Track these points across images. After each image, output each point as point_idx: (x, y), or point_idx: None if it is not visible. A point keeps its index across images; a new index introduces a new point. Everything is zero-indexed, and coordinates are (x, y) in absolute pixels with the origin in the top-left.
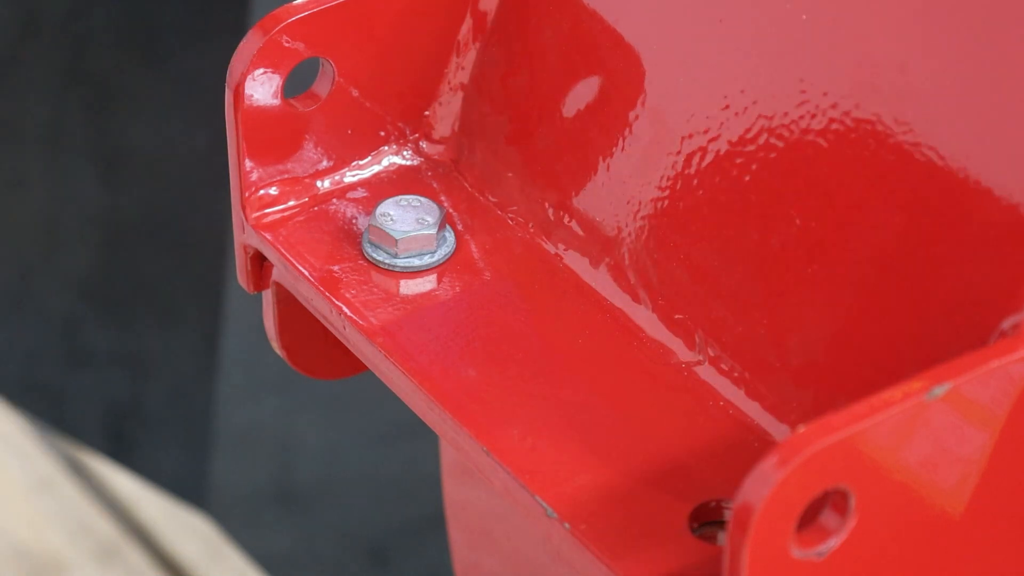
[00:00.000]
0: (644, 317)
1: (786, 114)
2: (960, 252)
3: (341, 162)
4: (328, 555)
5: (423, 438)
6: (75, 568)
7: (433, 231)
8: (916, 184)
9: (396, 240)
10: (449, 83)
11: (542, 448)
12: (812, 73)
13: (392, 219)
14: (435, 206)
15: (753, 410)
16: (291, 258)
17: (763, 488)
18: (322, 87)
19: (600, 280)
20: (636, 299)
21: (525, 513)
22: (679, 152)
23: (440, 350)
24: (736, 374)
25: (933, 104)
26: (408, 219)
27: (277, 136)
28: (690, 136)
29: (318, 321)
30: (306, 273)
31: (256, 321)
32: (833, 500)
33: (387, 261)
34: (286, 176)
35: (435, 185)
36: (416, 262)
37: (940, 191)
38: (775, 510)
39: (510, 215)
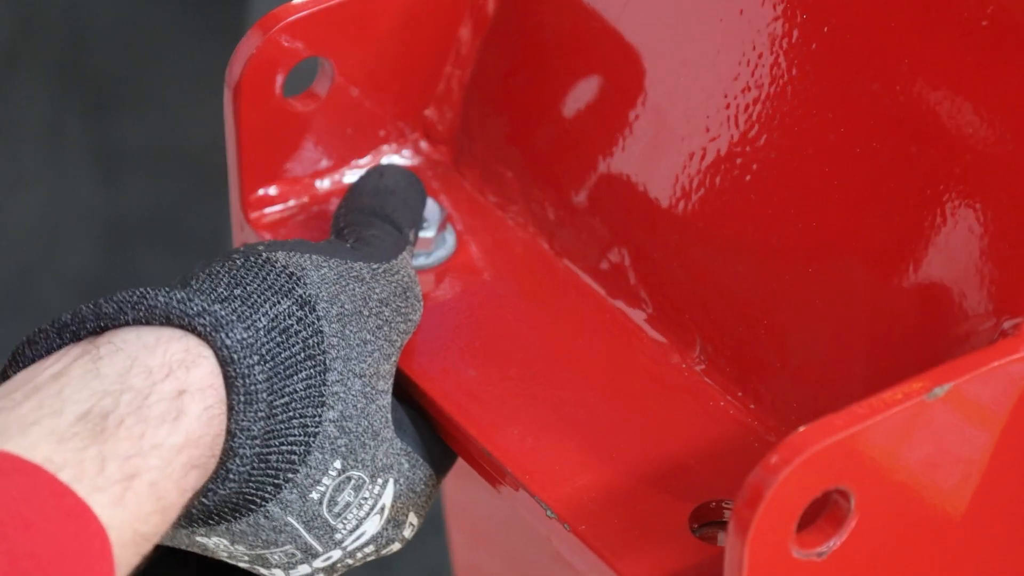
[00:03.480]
0: (644, 317)
1: (787, 113)
2: (961, 253)
3: (341, 162)
4: None
5: None
6: None
7: (431, 233)
8: (918, 185)
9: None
10: (449, 83)
11: (542, 448)
12: (813, 72)
13: None
14: (436, 207)
15: (753, 410)
16: None
17: (764, 488)
18: (322, 87)
19: (600, 280)
20: (636, 299)
21: (525, 513)
22: (679, 152)
23: (440, 350)
24: (736, 374)
25: (937, 105)
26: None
27: (277, 136)
28: (690, 136)
29: None
30: None
31: None
32: (833, 500)
33: None
34: (286, 176)
35: (435, 185)
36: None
37: (942, 192)
38: (775, 510)
39: (510, 215)
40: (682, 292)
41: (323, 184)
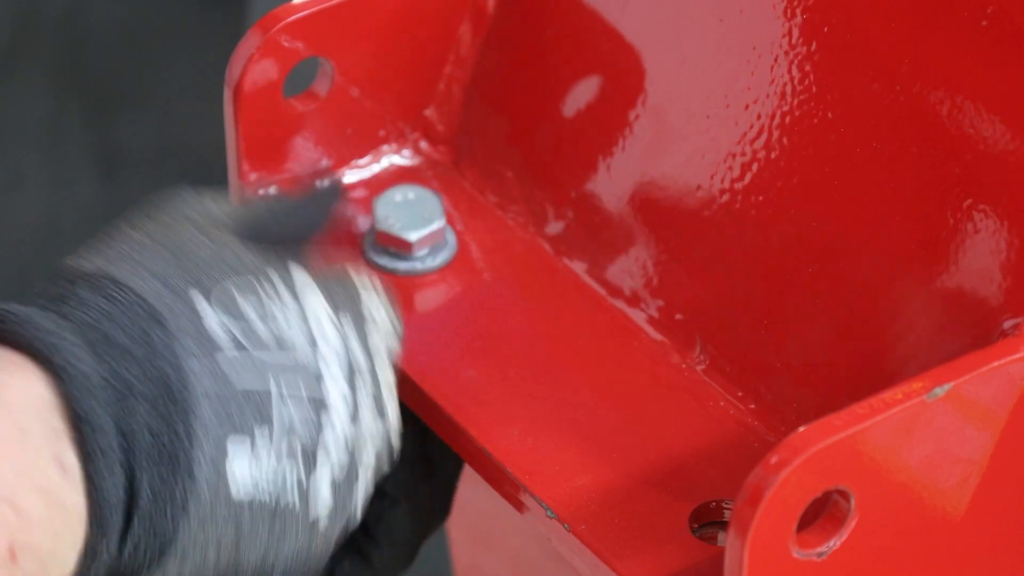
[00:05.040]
0: (644, 317)
1: (787, 114)
2: (961, 253)
3: (341, 162)
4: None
5: None
6: None
7: (440, 224)
8: (919, 185)
9: (411, 244)
10: (449, 83)
11: (542, 448)
12: (813, 72)
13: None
14: (437, 208)
15: (753, 410)
16: None
17: (764, 488)
18: (321, 87)
19: (600, 280)
20: (636, 299)
21: (525, 513)
22: (679, 152)
23: (440, 350)
24: (736, 374)
25: (938, 105)
26: (414, 219)
27: (277, 136)
28: (690, 136)
29: None
30: None
31: None
32: (833, 500)
33: (390, 265)
34: (286, 176)
35: (435, 185)
36: (419, 266)
37: (942, 192)
38: (775, 510)
39: (510, 215)
40: (682, 292)
41: (323, 184)
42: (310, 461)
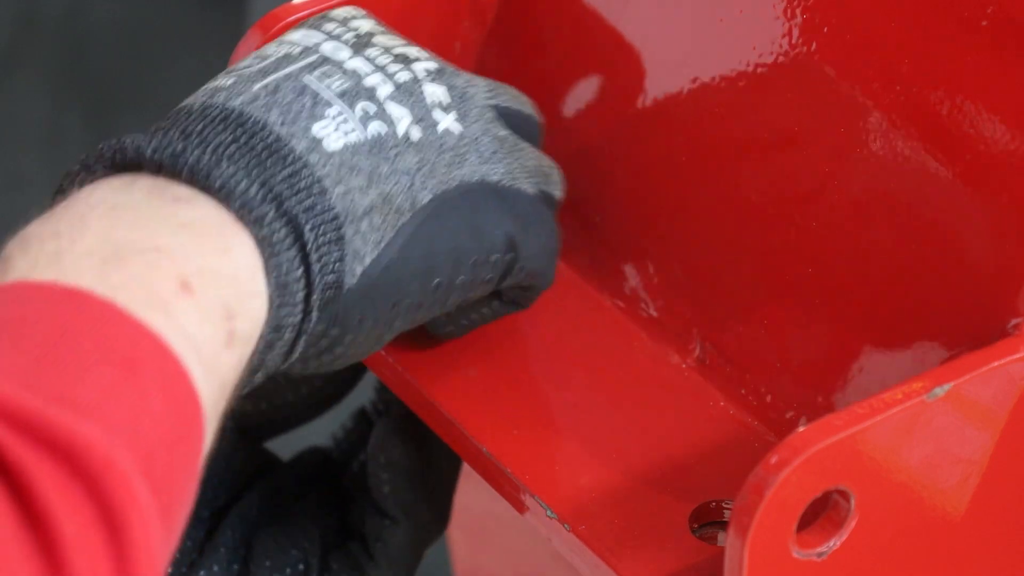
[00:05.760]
0: (644, 317)
1: (786, 113)
2: (961, 252)
3: None
4: None
5: None
6: None
7: None
8: (919, 184)
9: None
10: None
11: (542, 448)
12: (813, 72)
13: None
14: None
15: (753, 410)
16: None
17: (764, 488)
18: None
19: (600, 280)
20: (636, 299)
21: (525, 513)
22: (679, 152)
23: (440, 350)
24: (736, 374)
25: (938, 104)
26: None
27: None
28: (692, 136)
29: None
30: None
31: None
32: (833, 500)
33: None
34: None
35: None
36: None
37: (943, 191)
38: (775, 510)
39: None
40: (682, 292)
41: None
42: (362, 93)
